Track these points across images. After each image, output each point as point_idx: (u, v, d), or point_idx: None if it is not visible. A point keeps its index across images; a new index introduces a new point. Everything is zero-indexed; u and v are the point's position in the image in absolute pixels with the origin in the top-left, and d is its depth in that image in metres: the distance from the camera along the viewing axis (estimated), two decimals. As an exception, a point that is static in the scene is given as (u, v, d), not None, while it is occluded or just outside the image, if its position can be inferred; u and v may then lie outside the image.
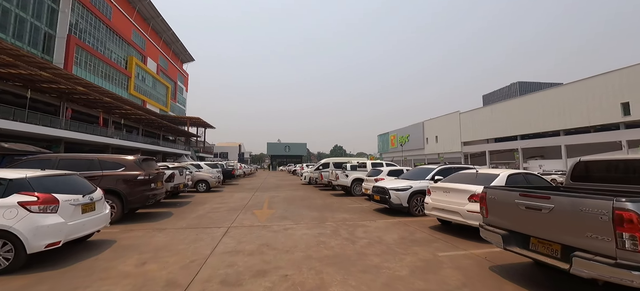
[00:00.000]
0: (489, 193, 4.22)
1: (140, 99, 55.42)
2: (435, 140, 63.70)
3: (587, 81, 40.10)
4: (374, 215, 8.59)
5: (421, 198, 8.47)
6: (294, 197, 13.22)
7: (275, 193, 14.92)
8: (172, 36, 65.67)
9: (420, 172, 9.49)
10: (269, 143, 72.86)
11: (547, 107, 44.10)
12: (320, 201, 11.64)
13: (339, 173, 13.11)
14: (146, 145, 39.04)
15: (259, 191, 15.91)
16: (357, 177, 13.30)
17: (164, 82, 64.21)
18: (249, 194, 14.21)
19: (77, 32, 42.26)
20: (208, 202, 11.21)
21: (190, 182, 12.90)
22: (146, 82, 58.52)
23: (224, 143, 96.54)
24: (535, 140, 45.51)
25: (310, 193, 14.65)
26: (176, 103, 71.14)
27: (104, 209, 5.36)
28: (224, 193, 14.41)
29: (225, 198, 12.32)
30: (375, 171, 12.11)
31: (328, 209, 9.58)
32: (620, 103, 36.41)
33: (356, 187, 13.27)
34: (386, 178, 11.35)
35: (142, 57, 58.11)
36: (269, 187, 19.14)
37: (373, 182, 11.46)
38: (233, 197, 13.03)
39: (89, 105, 32.41)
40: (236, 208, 9.57)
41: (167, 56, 67.50)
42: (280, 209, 9.50)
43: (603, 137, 38.18)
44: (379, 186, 9.06)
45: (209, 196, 13.13)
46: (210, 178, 14.65)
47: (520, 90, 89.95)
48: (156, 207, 9.53)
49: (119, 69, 50.33)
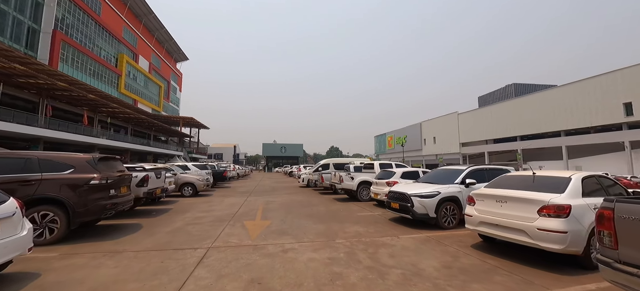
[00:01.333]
0: (619, 211, 2.57)
1: (132, 98, 53.14)
2: (433, 141, 62.49)
3: (588, 81, 39.14)
4: (392, 227, 6.92)
5: (451, 207, 6.85)
6: (293, 202, 11.50)
7: (270, 197, 13.17)
8: (165, 34, 63.48)
9: (445, 174, 7.86)
10: (264, 144, 70.85)
11: (547, 107, 43.09)
12: (323, 208, 9.94)
13: (343, 176, 11.44)
14: (135, 145, 36.90)
15: (253, 195, 14.15)
16: (364, 180, 11.63)
17: (156, 81, 61.95)
18: (241, 199, 12.44)
19: (64, 28, 40.05)
20: (191, 209, 9.42)
21: (172, 186, 11.10)
22: (138, 81, 56.26)
23: (219, 144, 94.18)
24: (536, 141, 44.45)
25: (311, 198, 12.93)
26: (169, 103, 68.82)
27: (19, 229, 3.60)
28: (212, 198, 12.62)
29: (212, 205, 10.54)
30: (385, 173, 10.46)
31: (335, 219, 7.88)
32: (623, 104, 35.43)
33: (363, 191, 11.60)
34: (400, 181, 9.71)
35: (134, 55, 55.86)
36: (264, 190, 17.38)
37: (384, 185, 9.83)
38: (222, 202, 11.25)
39: (73, 102, 30.25)
40: (223, 218, 7.81)
41: (160, 55, 65.25)
42: (276, 219, 7.77)
43: (605, 137, 37.20)
44: (397, 191, 7.40)
45: (194, 202, 11.33)
46: (197, 181, 12.86)
47: (515, 91, 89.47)
48: (124, 216, 7.73)
49: (108, 66, 48.08)
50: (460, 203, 6.91)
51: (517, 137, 47.22)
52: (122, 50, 52.28)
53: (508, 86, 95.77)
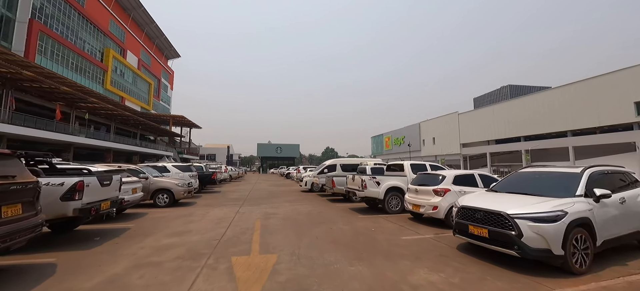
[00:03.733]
0: None
1: (118, 95, 49.34)
2: (433, 141, 60.23)
3: (596, 80, 37.29)
4: (485, 270, 4.04)
5: (582, 237, 4.02)
6: (300, 214, 8.56)
7: (270, 207, 10.19)
8: (156, 30, 59.77)
9: (543, 180, 5.04)
10: (259, 144, 67.26)
11: (552, 107, 41.14)
12: (345, 225, 7.02)
13: (366, 180, 8.55)
14: (119, 144, 33.33)
15: (247, 203, 11.14)
16: (394, 186, 8.76)
17: (145, 78, 58.14)
18: (232, 210, 9.43)
19: (43, 17, 36.39)
20: (158, 229, 6.40)
21: (137, 194, 8.04)
22: (125, 78, 52.46)
23: (212, 145, 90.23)
24: (540, 142, 42.41)
25: (322, 208, 10.00)
26: (160, 101, 64.95)
27: None
28: (194, 210, 9.57)
29: (191, 220, 7.52)
30: (427, 178, 7.59)
31: (376, 249, 4.97)
32: (634, 103, 33.55)
33: (391, 200, 8.72)
34: (453, 188, 6.88)
35: (121, 50, 52.09)
36: (260, 195, 14.36)
37: (428, 194, 7.00)
38: (206, 216, 8.23)
39: (45, 95, 26.64)
40: (200, 251, 4.83)
41: (150, 51, 61.45)
42: (285, 252, 4.82)
43: (615, 137, 35.28)
44: (481, 209, 4.51)
45: (167, 215, 8.28)
46: (175, 187, 9.79)
47: (510, 93, 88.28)
48: (33, 249, 4.69)
49: (93, 61, 44.32)
50: (593, 230, 4.11)
51: (521, 137, 45.16)
52: (109, 45, 48.54)
53: (503, 87, 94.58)
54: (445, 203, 6.69)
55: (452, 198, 6.77)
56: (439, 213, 6.69)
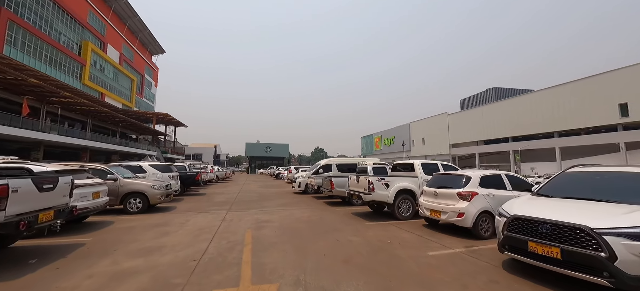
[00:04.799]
0: None
1: (98, 91, 46.43)
2: (422, 142, 60.14)
3: (582, 82, 37.81)
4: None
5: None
6: (299, 222, 7.31)
7: (262, 212, 8.89)
8: (139, 23, 56.82)
9: (616, 183, 4.02)
10: (247, 143, 65.13)
11: (540, 108, 41.58)
12: (355, 237, 5.84)
13: (374, 182, 7.39)
14: (96, 143, 30.91)
15: (235, 208, 9.78)
16: (404, 188, 7.65)
17: (128, 73, 55.14)
18: (217, 217, 8.07)
19: (12, 5, 33.46)
20: (118, 247, 4.99)
21: (101, 199, 6.58)
22: (105, 73, 49.44)
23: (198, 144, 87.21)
24: (528, 142, 42.79)
25: (322, 213, 8.77)
26: (143, 98, 61.87)
27: None
28: (172, 217, 8.15)
29: (165, 233, 6.13)
30: (448, 179, 6.50)
31: (409, 276, 3.78)
32: (618, 105, 34.13)
33: (402, 204, 7.61)
34: (480, 192, 5.82)
35: (101, 44, 49.10)
36: (250, 198, 13.00)
37: (451, 198, 5.93)
38: (185, 226, 6.85)
39: (10, 88, 24.15)
40: (169, 281, 3.49)
41: (133, 45, 58.42)
42: (288, 279, 3.55)
43: (600, 139, 35.84)
44: (554, 222, 3.37)
45: (138, 225, 6.85)
46: (150, 190, 8.33)
47: (495, 95, 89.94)
48: None
49: (70, 54, 41.36)
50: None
51: (509, 138, 45.51)
52: (87, 37, 45.56)
53: (489, 89, 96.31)
54: (473, 209, 5.62)
55: (480, 203, 5.72)
56: (465, 221, 5.62)
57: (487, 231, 5.72)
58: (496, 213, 5.85)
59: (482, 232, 5.68)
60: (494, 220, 5.81)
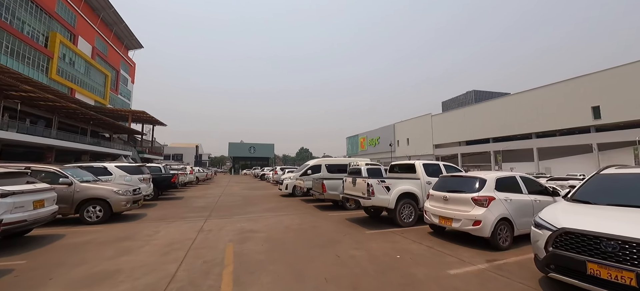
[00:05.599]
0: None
1: (67, 86, 43.04)
2: (407, 142, 60.56)
3: (558, 85, 39.16)
4: None
5: None
6: (289, 231, 6.35)
7: (246, 220, 7.84)
8: (114, 15, 53.42)
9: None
10: (231, 143, 62.80)
11: (519, 110, 42.75)
12: (358, 250, 4.95)
13: (374, 185, 6.57)
14: (63, 142, 28.28)
15: (216, 215, 8.65)
16: (407, 191, 6.88)
17: (101, 68, 51.63)
18: (194, 226, 6.95)
19: (-35, -11, 30.22)
20: (58, 271, 3.80)
21: (47, 209, 5.32)
22: (76, 67, 45.96)
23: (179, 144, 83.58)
24: (508, 143, 43.89)
25: (314, 220, 7.84)
26: (118, 95, 58.27)
27: None
28: (139, 227, 6.95)
29: (126, 250, 4.98)
30: (459, 182, 5.77)
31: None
32: (591, 107, 35.55)
33: (404, 209, 6.84)
34: (497, 196, 5.12)
35: (71, 36, 45.61)
36: (232, 202, 11.84)
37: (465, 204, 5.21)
38: (153, 239, 5.70)
39: (-41, 80, 21.45)
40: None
41: (107, 39, 54.84)
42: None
43: (574, 140, 37.20)
44: (626, 239, 2.66)
45: (93, 239, 5.64)
46: (113, 195, 7.07)
47: (475, 97, 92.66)
48: None
49: (35, 46, 37.97)
50: None
51: (490, 139, 46.53)
52: (55, 28, 42.10)
53: (469, 92, 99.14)
54: (491, 217, 4.90)
55: (498, 209, 5.02)
56: (483, 230, 4.89)
57: (505, 241, 5.03)
58: (516, 221, 5.22)
59: (501, 242, 4.98)
60: (512, 228, 5.15)
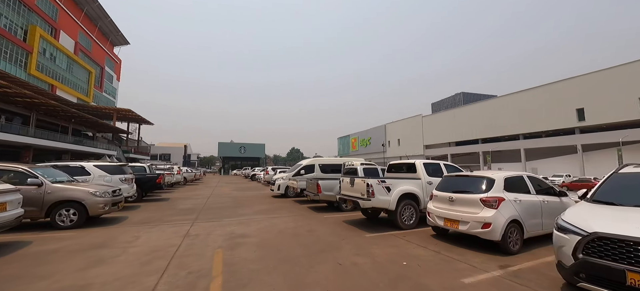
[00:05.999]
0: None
1: (47, 83, 41.09)
2: (397, 143, 60.84)
3: (545, 87, 40.01)
4: None
5: None
6: (284, 235, 5.88)
7: (236, 223, 7.32)
8: (99, 10, 51.44)
9: None
10: (220, 143, 61.37)
11: (507, 112, 43.50)
12: (360, 257, 4.53)
13: (374, 186, 6.18)
14: (41, 140, 26.81)
15: (203, 218, 8.08)
16: (408, 192, 6.52)
17: (85, 65, 49.57)
18: (179, 231, 6.39)
19: None
20: (16, 289, 3.28)
21: (11, 212, 4.68)
22: (57, 62, 43.94)
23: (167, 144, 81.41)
24: (496, 144, 44.62)
25: (310, 222, 7.39)
26: (103, 92, 56.15)
27: None
28: (117, 232, 6.33)
29: (100, 260, 4.40)
30: (461, 182, 5.47)
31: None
32: (576, 109, 36.47)
33: (405, 211, 6.48)
34: (507, 196, 4.81)
35: (52, 30, 43.63)
36: (221, 204, 11.25)
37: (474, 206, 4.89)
38: (132, 246, 5.12)
39: None
40: None
41: (91, 34, 52.77)
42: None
43: (560, 141, 38.08)
44: None
45: (64, 247, 5.01)
46: (89, 197, 6.42)
47: (464, 99, 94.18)
48: None
49: (13, 39, 36.03)
50: None
51: (479, 139, 47.19)
52: (35, 22, 40.14)
53: (457, 94, 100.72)
54: (501, 219, 4.58)
55: (508, 211, 4.71)
56: (493, 234, 4.57)
57: (515, 245, 4.73)
58: (526, 223, 4.92)
59: (511, 246, 4.66)
60: (522, 230, 4.85)
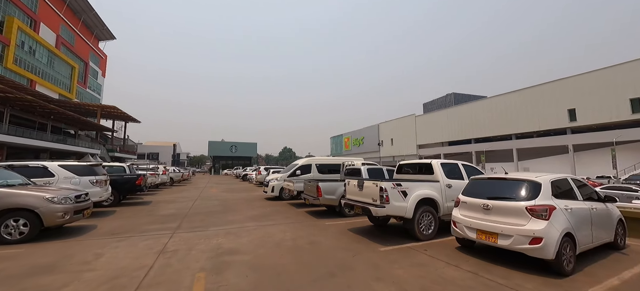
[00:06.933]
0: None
1: (26, 77, 38.68)
2: (391, 142, 60.34)
3: (537, 88, 40.07)
4: None
5: None
6: (282, 251, 4.83)
7: (224, 235, 6.23)
8: (83, 3, 48.98)
9: None
10: (210, 142, 59.46)
11: (500, 112, 43.48)
12: (381, 282, 3.54)
13: (389, 190, 5.21)
14: (15, 138, 24.85)
15: (186, 226, 6.95)
16: (426, 197, 5.58)
17: (67, 59, 47.05)
18: (153, 247, 5.26)
19: None
20: None
21: None
22: (37, 56, 41.48)
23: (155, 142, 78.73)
24: (488, 144, 44.55)
25: (310, 232, 6.37)
26: (87, 89, 53.55)
27: None
28: (76, 248, 5.16)
29: (40, 289, 3.29)
30: (497, 185, 4.56)
31: None
32: (567, 110, 36.58)
33: (423, 219, 5.53)
34: (557, 205, 3.91)
35: (32, 22, 41.19)
36: (209, 209, 10.10)
37: (518, 215, 3.95)
38: (87, 271, 3.98)
39: None
40: None
41: (75, 28, 50.21)
42: None
43: (551, 141, 38.17)
44: None
45: (6, 267, 3.85)
46: (45, 204, 5.24)
47: (454, 100, 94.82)
48: None
49: (-14, 30, 33.68)
50: None
51: (472, 139, 47.08)
52: (12, 13, 37.73)
53: (448, 95, 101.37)
54: (555, 233, 3.68)
55: (561, 222, 3.81)
56: (545, 251, 3.65)
57: (569, 263, 3.83)
58: (578, 236, 4.02)
59: (565, 265, 3.77)
60: (575, 245, 3.95)
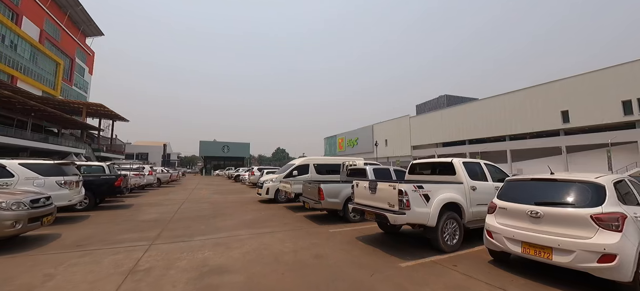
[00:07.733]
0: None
1: (6, 73, 36.64)
2: (385, 143, 59.91)
3: (531, 90, 40.15)
4: None
5: None
6: (282, 268, 3.93)
7: (212, 247, 5.28)
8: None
9: None
10: (202, 141, 57.72)
11: (493, 113, 43.47)
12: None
13: (409, 194, 4.38)
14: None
15: (166, 235, 5.97)
16: (451, 201, 4.76)
17: (51, 55, 44.97)
18: (123, 263, 4.28)
19: None
20: None
21: None
22: (18, 51, 39.42)
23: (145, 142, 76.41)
24: (483, 145, 44.48)
25: (313, 241, 5.47)
26: (73, 86, 51.38)
27: None
28: (22, 267, 4.13)
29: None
30: (545, 188, 3.76)
31: None
32: (560, 112, 36.70)
33: (447, 227, 4.71)
34: (627, 210, 3.14)
35: (14, 16, 39.13)
36: (196, 212, 9.08)
37: (577, 220, 3.10)
38: (32, 294, 3.04)
39: None
40: None
41: (60, 22, 48.11)
42: None
43: (544, 142, 38.25)
44: None
45: None
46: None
47: (447, 101, 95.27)
48: None
49: (-38, 23, 31.68)
50: None
51: (466, 140, 46.99)
52: (-9, 5, 35.72)
53: (441, 97, 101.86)
54: (631, 247, 2.90)
55: (634, 234, 3.03)
56: (620, 271, 2.87)
57: None
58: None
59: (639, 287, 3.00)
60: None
